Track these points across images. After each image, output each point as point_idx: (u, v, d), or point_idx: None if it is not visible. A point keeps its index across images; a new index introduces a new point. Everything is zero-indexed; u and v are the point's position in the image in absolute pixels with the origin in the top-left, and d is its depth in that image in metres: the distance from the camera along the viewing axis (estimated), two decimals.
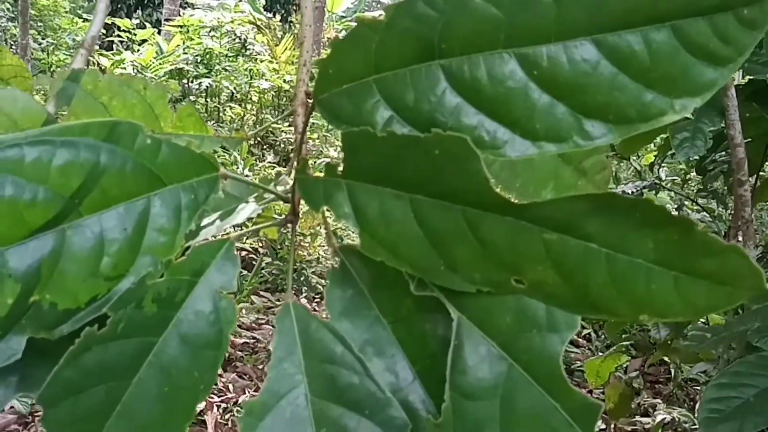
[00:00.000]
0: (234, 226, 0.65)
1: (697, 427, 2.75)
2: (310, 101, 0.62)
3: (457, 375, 0.53)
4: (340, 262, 0.61)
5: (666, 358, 3.09)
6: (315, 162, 3.99)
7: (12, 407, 3.24)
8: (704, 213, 3.52)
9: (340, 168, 0.55)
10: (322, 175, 0.57)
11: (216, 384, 3.42)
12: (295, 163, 0.63)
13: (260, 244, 4.80)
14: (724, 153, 2.01)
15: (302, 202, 0.62)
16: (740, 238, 1.94)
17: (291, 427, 0.56)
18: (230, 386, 3.53)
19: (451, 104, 0.52)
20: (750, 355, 1.64)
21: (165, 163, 0.54)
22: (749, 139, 1.99)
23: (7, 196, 0.48)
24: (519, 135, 0.51)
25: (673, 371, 3.21)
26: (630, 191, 3.01)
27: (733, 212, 2.10)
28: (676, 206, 4.11)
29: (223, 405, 3.37)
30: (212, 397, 3.40)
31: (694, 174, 3.31)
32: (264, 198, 0.66)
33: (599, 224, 0.47)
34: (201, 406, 2.96)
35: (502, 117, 0.51)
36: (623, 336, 2.81)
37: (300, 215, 0.62)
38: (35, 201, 0.49)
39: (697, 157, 1.77)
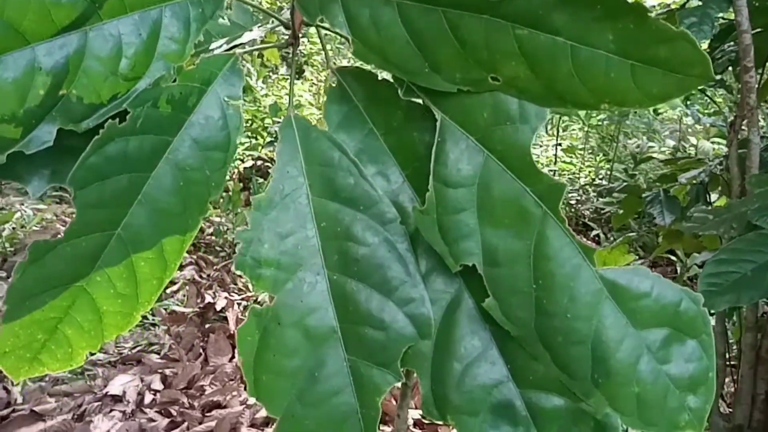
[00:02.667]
0: (239, 45, 0.70)
1: None
2: None
3: (440, 167, 0.59)
4: (337, 81, 0.67)
5: (672, 257, 3.15)
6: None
7: None
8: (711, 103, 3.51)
9: None
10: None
11: (236, 284, 3.54)
12: None
13: None
14: (732, 43, 2.01)
15: (302, 28, 0.68)
16: (745, 127, 1.96)
17: (294, 221, 0.63)
18: (250, 286, 3.67)
19: None
20: (750, 233, 1.69)
21: None
22: (759, 30, 1.99)
23: None
24: None
25: (678, 269, 3.29)
26: None
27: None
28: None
29: (244, 303, 3.52)
30: (233, 296, 3.55)
31: None
32: (267, 25, 0.71)
33: (565, 18, 0.52)
34: (223, 303, 3.06)
35: None
36: (630, 234, 2.87)
37: (299, 39, 0.68)
38: (61, 1, 0.54)
39: (705, 44, 1.77)
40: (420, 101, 0.62)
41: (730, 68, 2.06)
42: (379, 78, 0.66)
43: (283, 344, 0.62)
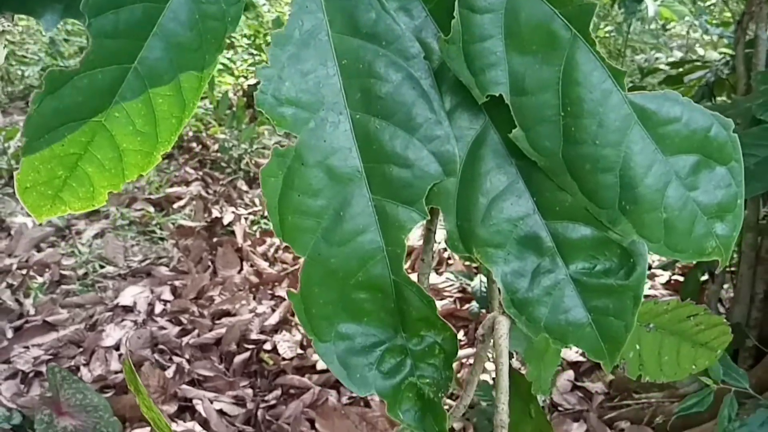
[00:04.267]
0: None
1: None
2: None
3: None
4: None
5: None
6: None
7: (49, 221, 3.42)
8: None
9: None
10: None
11: (242, 199, 3.54)
12: None
13: None
14: None
15: None
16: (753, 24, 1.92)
17: (314, 58, 0.61)
18: (256, 200, 3.68)
19: None
20: (753, 128, 1.68)
21: None
22: None
23: None
24: None
25: None
26: None
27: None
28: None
29: (251, 217, 3.53)
30: (240, 211, 3.56)
31: None
32: None
33: None
34: (230, 218, 3.08)
35: None
36: None
37: None
38: None
39: None
40: None
41: None
42: None
43: (307, 184, 0.61)
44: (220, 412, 2.40)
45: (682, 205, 0.56)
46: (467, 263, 2.80)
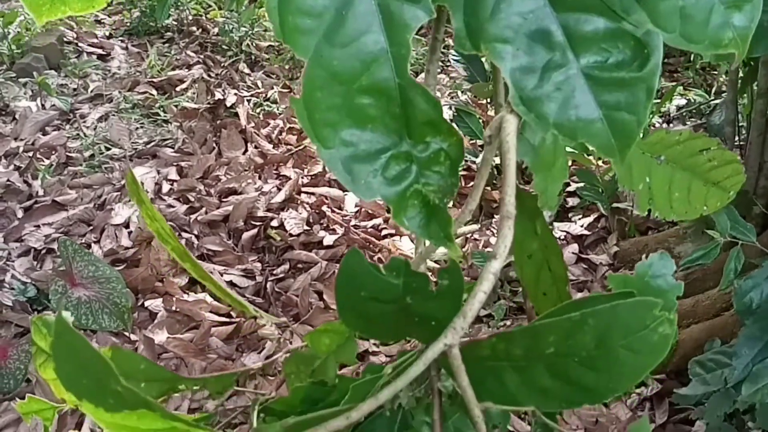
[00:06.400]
0: None
1: (711, 107, 2.80)
2: None
3: None
4: None
5: None
6: None
7: (53, 104, 3.39)
8: None
9: None
10: None
11: (244, 82, 3.49)
12: None
13: None
14: None
15: None
16: None
17: None
18: (259, 83, 3.62)
19: None
20: None
21: None
22: None
23: None
24: None
25: (692, 56, 3.20)
26: None
27: None
28: None
29: (254, 99, 3.49)
30: (243, 92, 3.51)
31: None
32: None
33: None
34: (233, 99, 3.06)
35: None
36: None
37: None
38: None
39: None
40: None
41: None
42: None
43: None
44: (231, 284, 2.45)
45: None
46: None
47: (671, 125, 3.02)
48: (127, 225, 2.72)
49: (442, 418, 0.52)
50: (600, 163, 2.48)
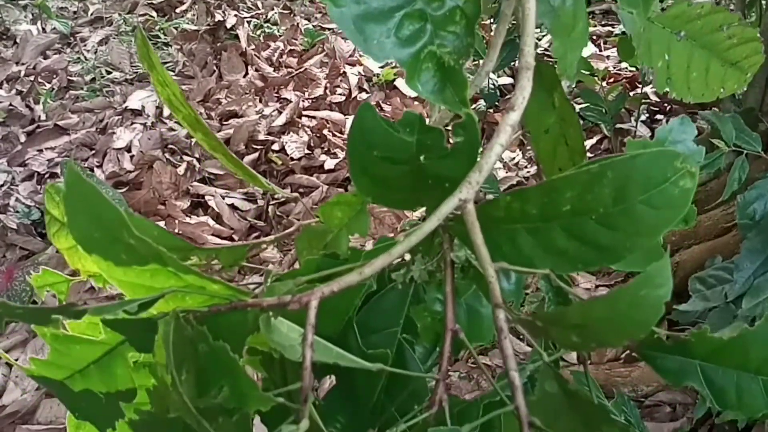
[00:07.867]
0: None
1: None
2: None
3: None
4: None
5: None
6: None
7: (54, 27, 3.33)
8: None
9: None
10: None
11: (244, 2, 3.41)
12: None
13: None
14: None
15: None
16: None
17: None
18: (259, 3, 3.55)
19: None
20: None
21: None
22: None
23: None
24: None
25: None
26: None
27: None
28: None
29: (254, 21, 3.42)
30: (242, 14, 3.44)
31: None
32: None
33: None
34: (233, 21, 2.99)
35: None
36: None
37: None
38: None
39: None
40: None
41: None
42: None
43: None
44: (232, 207, 2.45)
45: None
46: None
47: None
48: (129, 149, 2.70)
49: (454, 292, 0.52)
50: (604, 84, 2.44)
